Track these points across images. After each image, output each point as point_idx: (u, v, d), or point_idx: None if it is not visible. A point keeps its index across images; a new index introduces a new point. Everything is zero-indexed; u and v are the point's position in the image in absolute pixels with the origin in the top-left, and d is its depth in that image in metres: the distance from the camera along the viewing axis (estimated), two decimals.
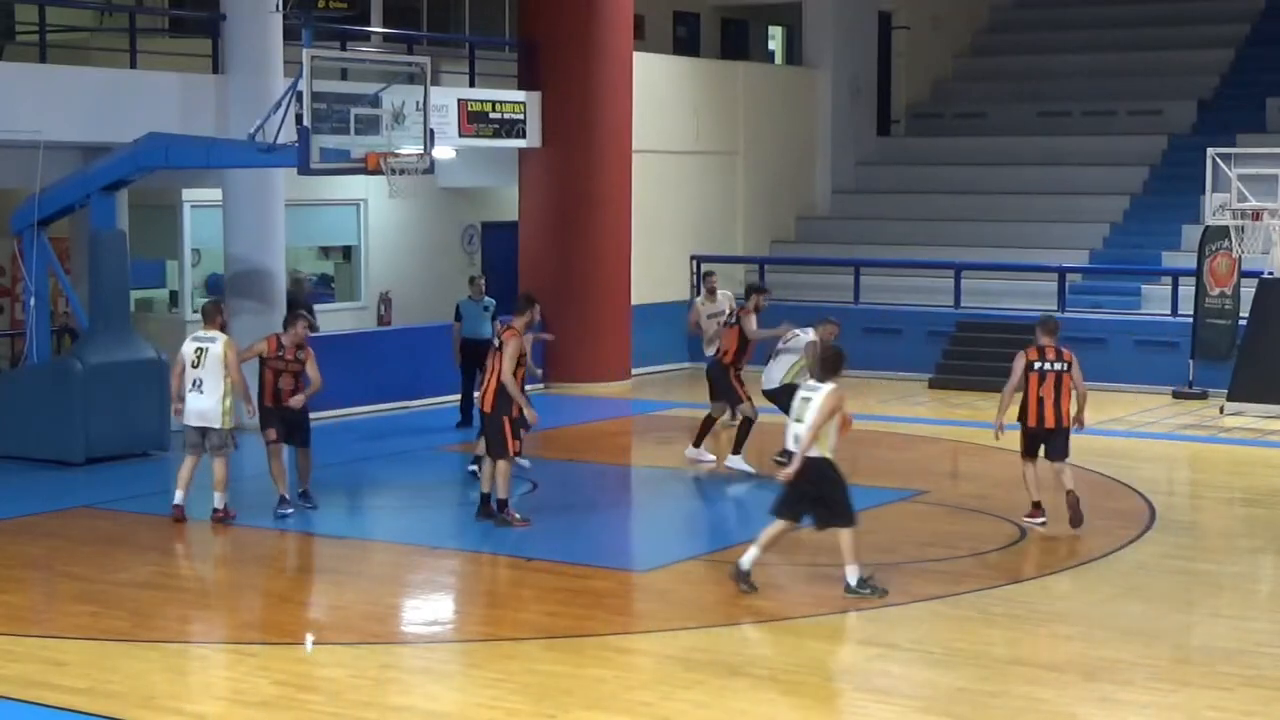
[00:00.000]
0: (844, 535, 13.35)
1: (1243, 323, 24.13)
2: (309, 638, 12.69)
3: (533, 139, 25.89)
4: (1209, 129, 30.38)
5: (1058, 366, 15.70)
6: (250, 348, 16.68)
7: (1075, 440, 16.20)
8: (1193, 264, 25.58)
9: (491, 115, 25.21)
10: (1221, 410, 22.97)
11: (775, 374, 18.69)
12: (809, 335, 18.52)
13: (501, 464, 15.92)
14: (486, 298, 21.73)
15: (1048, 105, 33.65)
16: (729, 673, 11.39)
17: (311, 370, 16.48)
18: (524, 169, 26.50)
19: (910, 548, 15.38)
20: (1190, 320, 25.12)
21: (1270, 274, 23.59)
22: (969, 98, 35.06)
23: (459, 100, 24.60)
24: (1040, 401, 15.72)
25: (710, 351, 20.32)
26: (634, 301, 26.62)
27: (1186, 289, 25.74)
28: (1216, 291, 24.80)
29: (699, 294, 23.09)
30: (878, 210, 32.12)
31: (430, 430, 21.86)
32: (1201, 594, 13.82)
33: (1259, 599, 14.11)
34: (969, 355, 26.45)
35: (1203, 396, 24.39)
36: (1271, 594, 14.49)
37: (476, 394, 17.04)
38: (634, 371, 26.68)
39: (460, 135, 24.62)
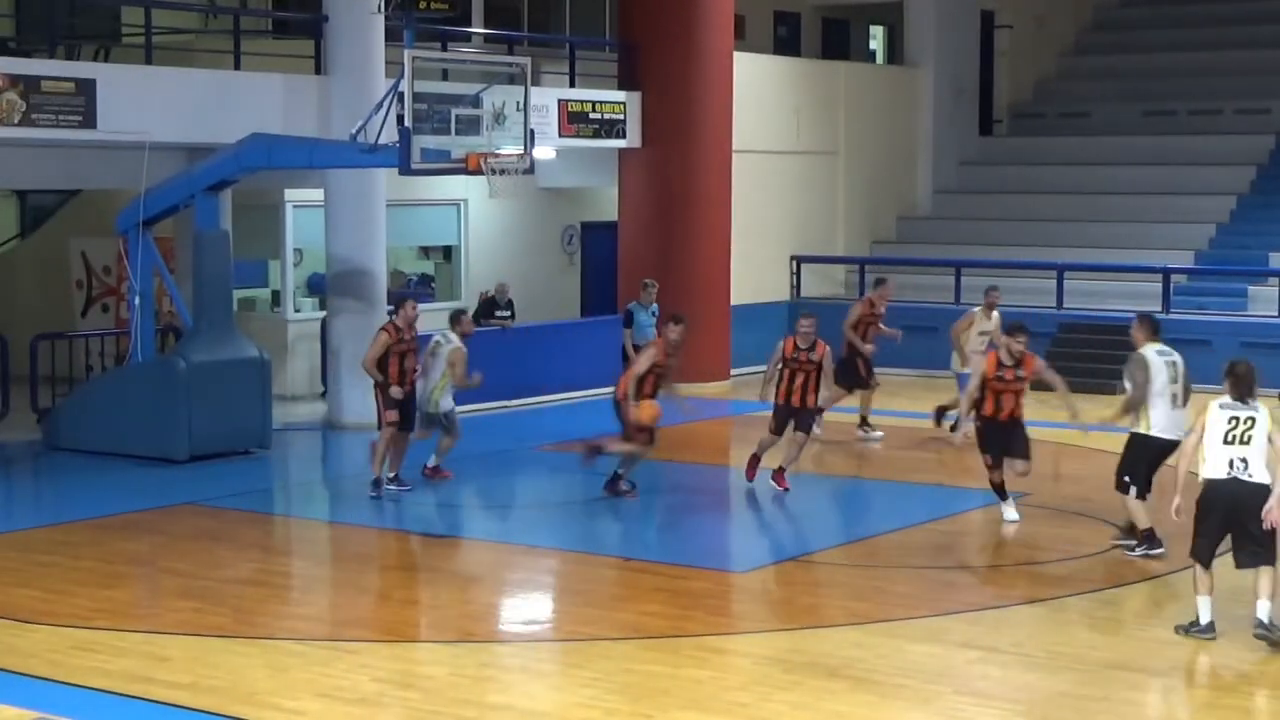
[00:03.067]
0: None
1: None
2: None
3: (633, 139, 25.91)
4: None
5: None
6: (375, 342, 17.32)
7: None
8: None
9: (591, 115, 25.26)
10: None
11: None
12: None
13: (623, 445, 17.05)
14: (654, 304, 22.55)
15: (1152, 104, 33.32)
16: (827, 674, 11.33)
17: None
18: (624, 169, 26.52)
19: (1012, 550, 15.27)
20: None
21: None
22: (1072, 97, 34.77)
23: (559, 100, 24.66)
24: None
25: (967, 369, 20.34)
26: (734, 302, 26.57)
27: None
28: None
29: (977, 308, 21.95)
30: (979, 211, 31.91)
31: (541, 430, 21.93)
32: None
33: None
34: (1072, 357, 26.16)
35: None
36: None
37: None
38: (733, 372, 26.63)
39: (560, 135, 24.68)
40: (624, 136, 25.80)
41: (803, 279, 29.46)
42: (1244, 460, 11.70)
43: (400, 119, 18.20)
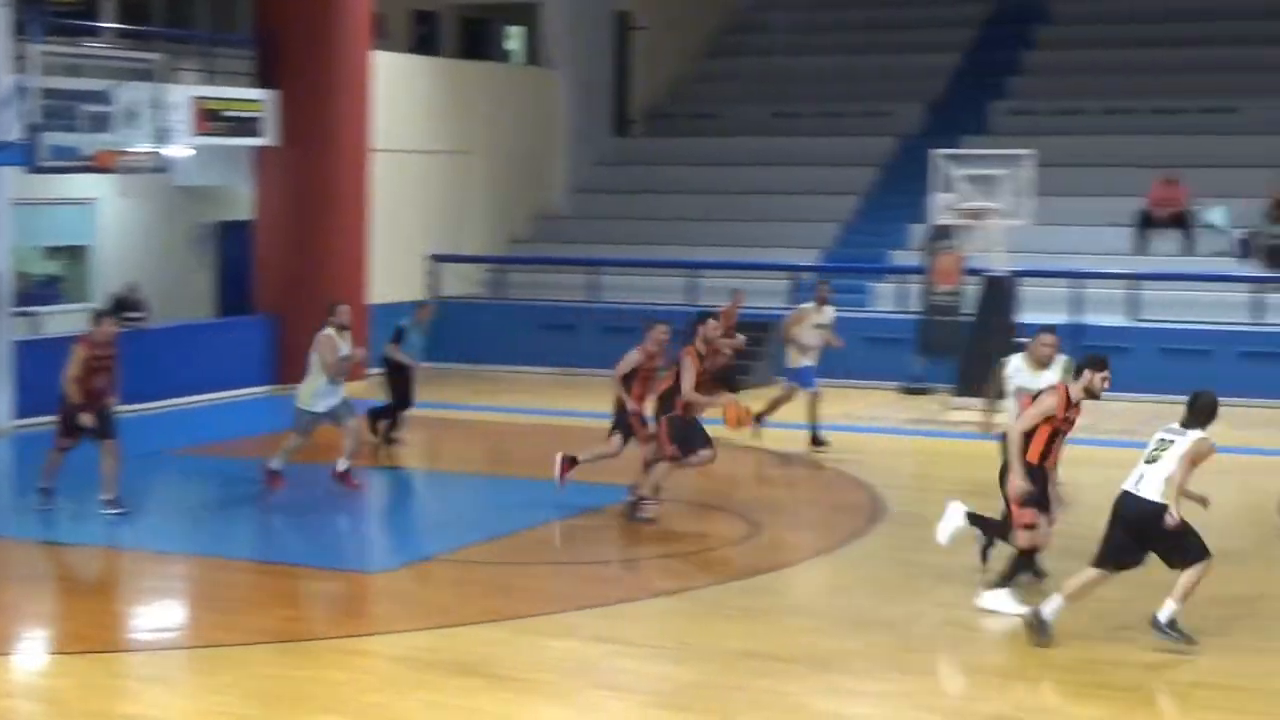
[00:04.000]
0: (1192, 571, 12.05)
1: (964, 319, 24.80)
2: None
3: (269, 137, 25.60)
4: (936, 131, 31.17)
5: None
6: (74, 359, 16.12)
7: (801, 436, 16.44)
8: (920, 263, 26.27)
9: (227, 113, 24.87)
10: (947, 405, 23.60)
11: None
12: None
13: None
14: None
15: (780, 107, 34.18)
16: (463, 672, 11.43)
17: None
18: (261, 168, 26.20)
19: (645, 543, 15.55)
20: (917, 317, 25.78)
21: (993, 272, 24.28)
22: (705, 99, 35.48)
23: (193, 98, 24.21)
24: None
25: (808, 363, 20.64)
26: (372, 301, 26.47)
27: (914, 287, 26.43)
28: (942, 289, 25.45)
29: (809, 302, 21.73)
30: (616, 210, 32.37)
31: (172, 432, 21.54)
32: (928, 584, 14.18)
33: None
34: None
35: (929, 391, 25.06)
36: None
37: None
38: (369, 371, 26.51)
39: (195, 133, 24.23)
40: (260, 135, 25.48)
41: (441, 278, 29.48)
42: (1142, 476, 11.92)
43: (26, 115, 17.72)
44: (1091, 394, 12.65)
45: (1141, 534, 11.92)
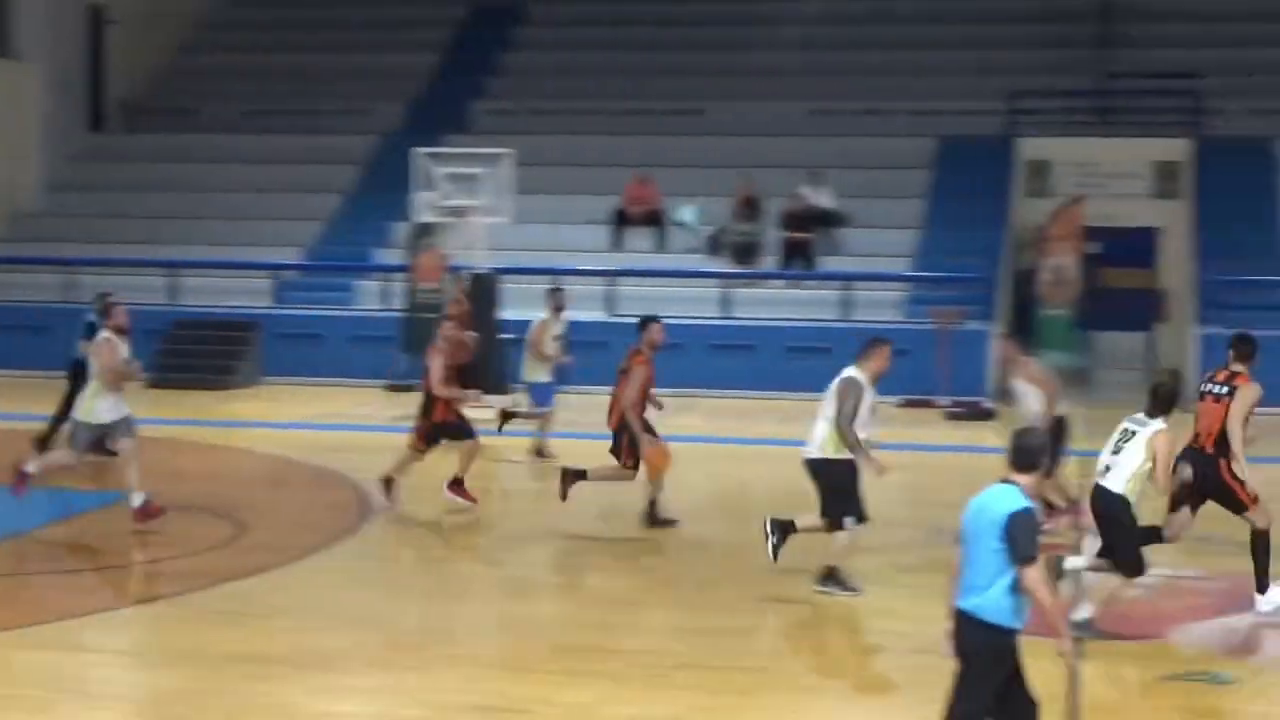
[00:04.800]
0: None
1: None
2: None
3: None
4: (417, 129, 31.37)
5: None
6: None
7: (290, 436, 16.40)
8: (403, 260, 26.48)
9: None
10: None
11: None
12: None
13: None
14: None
15: (258, 104, 33.82)
16: None
17: None
18: None
19: (126, 550, 15.22)
20: (401, 315, 25.95)
21: (475, 269, 24.63)
22: (182, 95, 34.80)
23: None
24: None
25: (545, 379, 19.91)
26: None
27: (398, 285, 26.63)
28: (425, 286, 25.69)
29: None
30: (93, 208, 31.49)
31: None
32: (414, 579, 14.35)
33: (462, 581, 14.79)
34: (185, 354, 26.39)
35: (415, 389, 25.22)
36: (488, 578, 15.17)
37: None
38: None
39: None
40: None
41: None
42: (1108, 467, 12.05)
43: None
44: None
45: (1104, 523, 12.16)
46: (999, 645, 8.25)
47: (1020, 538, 8.10)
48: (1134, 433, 12.02)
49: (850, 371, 13.24)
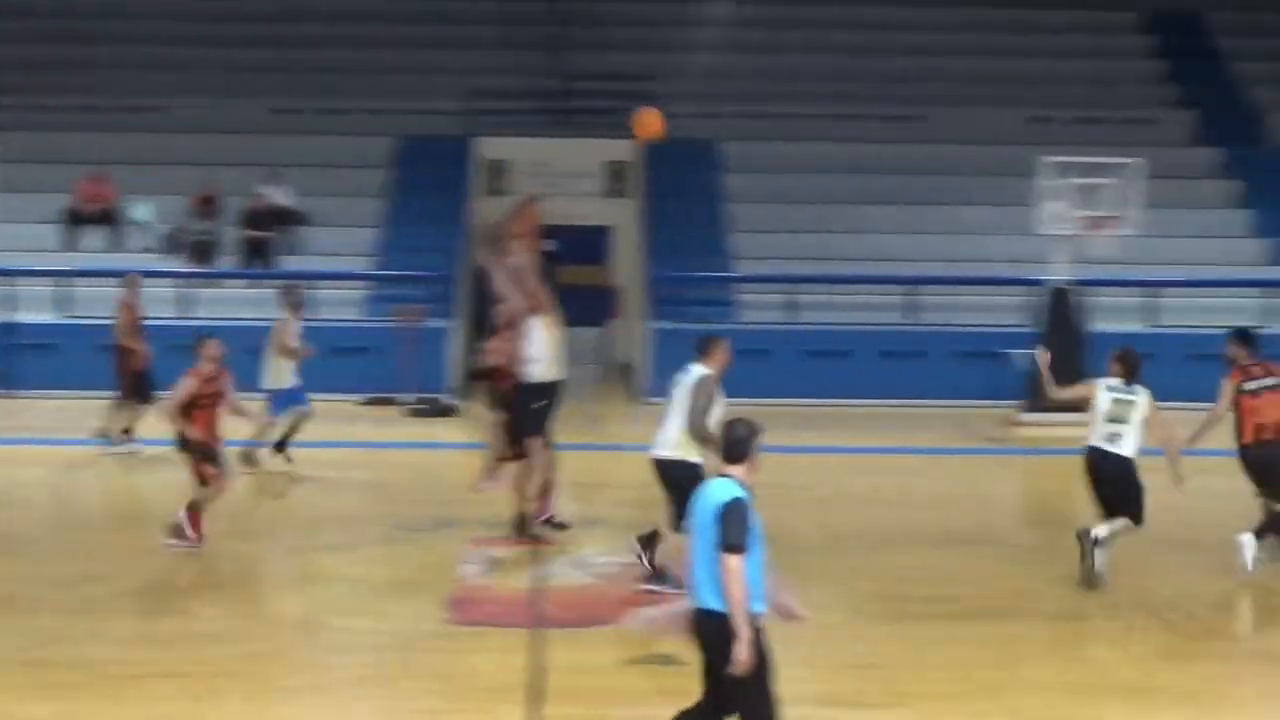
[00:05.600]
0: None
1: None
2: None
3: None
4: None
5: None
6: None
7: None
8: None
9: None
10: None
11: None
12: None
13: None
14: None
15: None
16: None
17: None
18: None
19: None
20: None
21: None
22: None
23: None
24: None
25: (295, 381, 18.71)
26: None
27: None
28: None
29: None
30: None
31: None
32: None
33: None
34: None
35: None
36: None
37: None
38: None
39: None
40: None
41: None
42: (1118, 435, 13.58)
43: None
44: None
45: (1114, 484, 13.66)
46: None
47: (726, 525, 8.55)
48: (1131, 401, 13.64)
49: (701, 369, 13.08)
